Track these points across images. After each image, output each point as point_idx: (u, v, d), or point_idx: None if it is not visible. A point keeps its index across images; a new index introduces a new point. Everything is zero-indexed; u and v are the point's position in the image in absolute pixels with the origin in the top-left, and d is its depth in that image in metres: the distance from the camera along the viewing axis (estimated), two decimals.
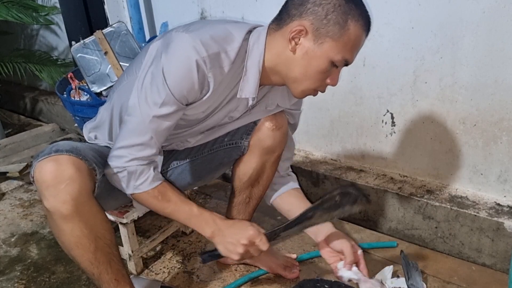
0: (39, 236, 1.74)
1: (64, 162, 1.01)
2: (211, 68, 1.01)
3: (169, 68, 1.00)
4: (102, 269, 1.10)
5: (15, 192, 2.09)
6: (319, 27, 0.99)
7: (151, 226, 1.74)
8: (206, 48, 1.00)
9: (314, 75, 1.03)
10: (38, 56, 2.66)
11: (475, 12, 1.37)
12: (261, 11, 1.84)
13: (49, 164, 1.00)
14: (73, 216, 1.02)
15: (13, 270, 1.55)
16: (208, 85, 1.04)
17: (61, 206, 1.00)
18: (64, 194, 0.99)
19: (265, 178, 1.36)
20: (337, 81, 1.07)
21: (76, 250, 1.06)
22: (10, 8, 2.30)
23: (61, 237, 1.06)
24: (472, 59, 1.42)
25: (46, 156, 1.02)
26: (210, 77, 1.03)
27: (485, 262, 1.49)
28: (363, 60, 1.65)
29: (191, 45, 0.99)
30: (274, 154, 1.32)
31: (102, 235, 1.08)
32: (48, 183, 0.99)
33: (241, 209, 1.41)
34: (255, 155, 1.31)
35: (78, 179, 1.01)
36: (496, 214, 1.46)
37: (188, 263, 1.53)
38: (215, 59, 1.01)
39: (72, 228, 1.03)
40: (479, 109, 1.47)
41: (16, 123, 2.99)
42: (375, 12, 1.54)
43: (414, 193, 1.61)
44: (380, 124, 1.71)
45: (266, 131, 1.27)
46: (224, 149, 1.34)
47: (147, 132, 1.06)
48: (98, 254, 1.08)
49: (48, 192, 1.00)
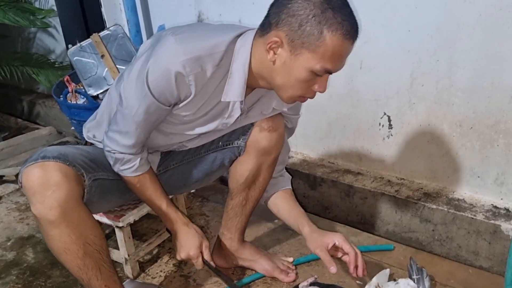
0: (35, 240, 1.74)
1: (51, 168, 1.02)
2: (191, 71, 1.01)
3: (151, 71, 1.03)
4: (91, 275, 1.10)
5: (12, 195, 2.08)
6: (294, 38, 0.96)
7: (147, 230, 1.73)
8: (188, 51, 1.00)
9: (296, 84, 1.02)
10: (35, 59, 2.65)
11: (471, 15, 1.37)
12: (258, 14, 1.82)
13: (36, 171, 1.01)
14: (60, 222, 1.02)
15: (9, 274, 1.55)
16: (189, 89, 1.04)
17: (48, 212, 1.00)
18: (51, 200, 1.00)
19: (262, 180, 1.36)
20: (325, 87, 1.04)
21: (64, 255, 1.06)
22: (7, 11, 2.29)
23: (50, 242, 1.06)
24: (468, 62, 1.42)
25: (33, 162, 1.02)
26: (191, 81, 1.03)
27: (482, 265, 1.49)
28: (360, 63, 1.65)
29: (173, 49, 1.01)
30: (270, 156, 1.32)
31: (91, 241, 1.08)
32: (35, 190, 1.00)
33: (237, 211, 1.41)
34: (251, 156, 1.31)
35: (64, 185, 1.02)
36: (493, 216, 1.46)
37: (185, 266, 1.52)
38: (197, 62, 1.01)
39: (60, 234, 1.03)
40: (476, 111, 1.47)
41: (13, 126, 2.99)
42: (372, 15, 1.55)
43: (411, 196, 1.60)
44: (377, 126, 1.71)
45: (262, 132, 1.28)
46: (221, 150, 1.34)
47: (133, 123, 1.10)
48: (87, 260, 1.08)
49: (35, 198, 1.00)
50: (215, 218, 1.81)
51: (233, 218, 1.42)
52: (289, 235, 1.66)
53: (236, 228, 1.43)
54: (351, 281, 1.41)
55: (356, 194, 1.73)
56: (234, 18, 1.91)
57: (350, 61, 1.63)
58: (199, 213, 1.85)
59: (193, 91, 1.05)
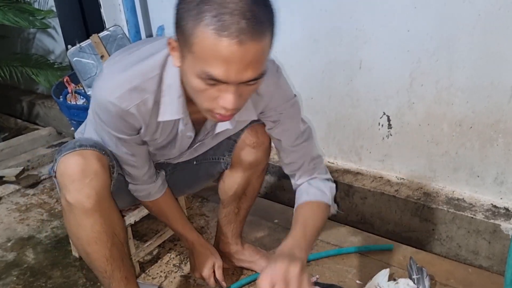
0: (35, 240, 1.74)
1: (90, 156, 1.02)
2: (130, 104, 0.96)
3: (99, 111, 1.00)
4: (115, 266, 1.11)
5: (12, 196, 2.08)
6: (179, 38, 0.83)
7: (148, 230, 1.74)
8: (122, 84, 0.95)
9: (195, 94, 0.88)
10: (34, 60, 2.65)
11: (470, 14, 1.37)
12: None
13: (75, 158, 1.01)
14: (95, 211, 1.03)
15: (10, 275, 1.55)
16: (137, 119, 1.00)
17: (85, 200, 1.01)
18: (89, 188, 1.01)
19: (251, 191, 1.38)
20: (229, 102, 0.83)
21: (94, 245, 1.07)
22: (6, 12, 2.29)
23: (80, 232, 1.06)
24: (468, 62, 1.43)
25: (71, 151, 1.02)
26: (134, 113, 0.98)
27: (481, 264, 1.49)
28: (360, 63, 1.65)
29: (107, 85, 0.97)
30: (258, 168, 1.33)
31: (117, 232, 1.10)
32: (74, 177, 1.00)
33: (231, 218, 1.42)
34: (238, 170, 1.32)
35: (102, 174, 1.03)
36: (492, 216, 1.46)
37: (185, 267, 1.53)
38: (133, 93, 0.95)
39: (93, 223, 1.04)
40: (475, 111, 1.47)
41: (12, 127, 2.98)
42: (371, 15, 1.55)
43: (411, 196, 1.61)
44: (377, 126, 1.71)
45: (247, 149, 1.27)
46: (209, 162, 1.34)
47: (124, 157, 1.11)
48: (113, 250, 1.09)
49: (73, 186, 1.00)
50: (214, 218, 1.80)
51: (227, 225, 1.43)
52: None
53: (232, 233, 1.44)
54: (351, 281, 1.41)
55: (355, 194, 1.73)
56: None
57: (349, 61, 1.66)
58: (199, 214, 1.85)
59: (142, 121, 1.01)
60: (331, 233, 1.66)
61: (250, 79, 0.81)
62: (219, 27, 0.75)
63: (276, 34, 0.86)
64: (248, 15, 0.75)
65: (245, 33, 0.75)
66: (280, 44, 1.81)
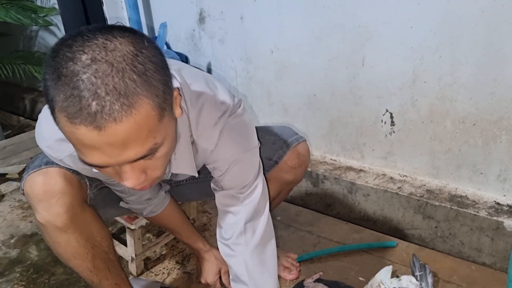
0: (38, 237, 1.74)
1: (54, 175, 0.98)
2: (59, 156, 0.95)
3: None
4: (102, 276, 1.10)
5: (15, 193, 2.09)
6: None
7: (151, 227, 1.74)
8: (51, 138, 0.92)
9: (96, 175, 0.85)
10: (37, 57, 2.65)
11: (474, 11, 1.36)
12: (259, 11, 1.83)
13: (39, 178, 0.98)
14: (68, 228, 1.00)
15: (13, 272, 1.55)
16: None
17: (55, 219, 0.98)
18: (57, 207, 0.98)
19: (278, 201, 1.40)
20: (129, 182, 0.72)
21: (73, 260, 1.06)
22: (9, 9, 2.30)
23: (57, 249, 1.05)
24: (471, 58, 1.42)
25: (36, 170, 0.99)
26: (70, 164, 0.97)
27: (485, 261, 1.49)
28: (362, 60, 1.65)
29: (40, 136, 0.94)
30: (293, 184, 1.35)
31: (98, 243, 1.08)
32: (40, 197, 0.97)
33: None
34: (272, 185, 1.24)
35: (69, 192, 0.99)
36: (495, 213, 1.46)
37: (188, 264, 1.53)
38: (63, 144, 0.88)
39: (68, 240, 1.02)
40: (479, 108, 1.47)
41: (15, 124, 2.99)
42: (374, 12, 1.55)
43: (414, 193, 1.61)
44: (380, 123, 1.70)
45: (287, 169, 1.26)
46: None
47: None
48: (96, 261, 1.08)
49: (40, 206, 0.98)
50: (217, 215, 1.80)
51: None
52: (291, 232, 1.66)
53: None
54: (354, 278, 1.41)
55: (358, 191, 1.73)
56: (236, 16, 1.91)
57: (352, 58, 1.66)
58: (201, 211, 1.85)
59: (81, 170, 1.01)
60: (334, 230, 1.66)
61: (137, 157, 0.68)
62: (70, 114, 0.62)
63: (169, 91, 0.70)
64: (102, 92, 0.60)
65: (100, 117, 0.61)
66: (282, 41, 1.82)
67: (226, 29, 1.95)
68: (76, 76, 0.60)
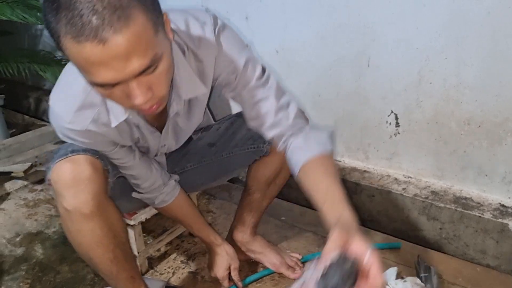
0: (44, 235, 1.75)
1: (82, 162, 1.01)
2: (83, 125, 0.98)
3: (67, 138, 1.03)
4: (120, 267, 1.12)
5: (20, 192, 2.10)
6: None
7: (155, 226, 1.74)
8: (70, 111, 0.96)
9: (108, 99, 0.87)
10: (42, 56, 2.65)
11: (479, 12, 1.36)
12: (265, 10, 1.83)
13: (67, 165, 1.00)
14: (94, 215, 1.02)
15: (18, 270, 1.56)
16: (102, 135, 1.02)
17: (82, 206, 1.00)
18: (85, 193, 1.00)
19: (282, 178, 1.38)
20: (136, 99, 0.78)
21: (96, 249, 1.07)
22: (14, 8, 2.30)
23: (80, 238, 1.06)
24: (476, 60, 1.42)
25: (63, 157, 1.02)
26: (94, 130, 0.99)
27: (489, 263, 1.49)
28: (368, 60, 1.65)
29: (57, 118, 0.98)
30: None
31: (118, 233, 1.10)
32: (68, 184, 1.00)
33: (253, 207, 1.43)
34: (277, 157, 1.29)
35: (96, 178, 1.02)
36: (500, 215, 1.46)
37: (193, 263, 1.53)
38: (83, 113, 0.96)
39: (93, 228, 1.04)
40: (484, 109, 1.46)
41: (20, 123, 3.00)
42: (379, 13, 1.55)
43: (419, 194, 1.60)
44: (384, 124, 1.70)
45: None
46: (245, 152, 1.34)
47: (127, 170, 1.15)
48: (116, 252, 1.10)
49: (68, 193, 1.00)
50: (222, 215, 1.81)
51: (248, 213, 1.44)
52: (296, 232, 1.66)
53: (250, 222, 1.45)
54: None
55: (363, 192, 1.73)
56: (241, 15, 1.91)
57: (357, 58, 1.66)
58: (206, 210, 1.85)
59: (107, 134, 1.02)
60: None
61: (141, 69, 0.74)
62: (75, 33, 0.69)
63: (159, 10, 0.85)
64: (99, 7, 0.68)
65: (102, 29, 0.68)
66: (287, 41, 1.82)
67: None
68: (72, 2, 0.68)
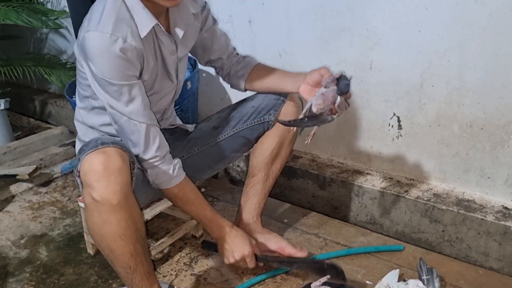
0: (48, 238, 1.76)
1: (112, 153, 1.05)
2: (123, 35, 1.08)
3: (103, 69, 1.09)
4: (139, 261, 1.14)
5: (25, 194, 2.11)
6: None
7: (158, 229, 1.75)
8: (108, 25, 1.07)
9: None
10: (47, 60, 2.68)
11: (482, 15, 1.37)
12: (268, 14, 1.85)
13: (99, 156, 1.04)
14: (121, 207, 1.05)
15: (23, 272, 1.57)
16: (134, 53, 1.11)
17: (112, 197, 1.03)
18: (115, 184, 1.03)
19: (283, 155, 1.45)
20: None
21: (119, 241, 1.09)
22: (20, 12, 2.33)
23: (105, 229, 1.08)
24: (479, 63, 1.42)
25: (93, 149, 1.06)
26: (131, 44, 1.09)
27: (492, 266, 1.49)
28: (370, 64, 1.65)
29: (97, 37, 1.07)
30: (291, 132, 1.41)
31: (139, 228, 1.13)
32: (99, 175, 1.03)
33: (258, 189, 1.46)
34: (277, 130, 1.41)
35: (125, 170, 1.06)
36: (503, 217, 1.46)
37: (195, 265, 1.54)
38: (119, 25, 1.08)
39: (120, 219, 1.07)
40: (486, 112, 1.47)
41: (25, 126, 3.02)
42: (382, 16, 1.56)
43: (421, 197, 1.61)
44: (387, 127, 1.71)
45: (291, 108, 1.39)
46: (251, 126, 1.42)
47: (140, 121, 1.16)
48: (137, 245, 1.12)
49: (99, 183, 1.03)
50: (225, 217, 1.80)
51: (252, 197, 1.48)
52: (298, 234, 1.67)
53: (255, 208, 1.49)
54: (361, 281, 1.41)
55: (365, 194, 1.73)
56: (245, 19, 1.92)
57: (359, 62, 1.66)
58: None
59: (138, 51, 1.12)
60: (341, 233, 1.66)
61: None
62: None
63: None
64: None
65: None
66: (290, 45, 1.83)
67: (235, 33, 1.96)
68: None
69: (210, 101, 2.20)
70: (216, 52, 1.42)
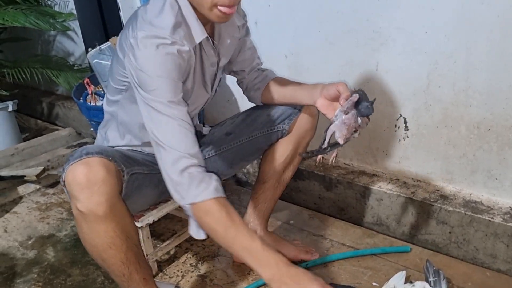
0: (55, 239, 1.77)
1: (95, 164, 1.03)
2: (180, 37, 1.06)
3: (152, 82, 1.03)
4: (133, 268, 1.13)
5: (32, 195, 2.13)
6: None
7: (165, 230, 1.76)
8: (167, 29, 1.04)
9: None
10: (55, 62, 2.70)
11: (489, 16, 1.36)
12: (274, 16, 1.85)
13: (81, 167, 1.02)
14: (107, 217, 1.04)
15: (30, 273, 1.58)
16: (184, 58, 1.08)
17: (96, 208, 1.02)
18: (98, 195, 1.02)
19: (296, 163, 1.45)
20: None
21: (109, 251, 1.09)
22: (28, 15, 2.34)
23: (94, 239, 1.08)
24: (486, 64, 1.42)
25: (77, 160, 1.04)
26: (185, 47, 1.07)
27: (500, 268, 1.48)
28: (376, 65, 1.65)
29: (156, 42, 1.02)
30: (306, 139, 1.42)
31: (131, 235, 1.12)
32: (82, 186, 1.01)
33: (268, 195, 1.46)
34: (293, 137, 1.40)
35: (110, 180, 1.04)
36: (511, 219, 1.45)
37: (202, 266, 1.54)
38: (177, 29, 1.06)
39: (106, 229, 1.06)
40: (494, 113, 1.46)
41: (33, 127, 3.04)
42: (388, 17, 1.55)
43: (428, 198, 1.60)
44: (393, 128, 1.70)
45: (307, 117, 1.39)
46: (264, 135, 1.41)
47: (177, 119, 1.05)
48: (128, 254, 1.11)
49: (82, 194, 1.02)
50: None
51: (261, 204, 1.47)
52: (305, 235, 1.66)
53: (263, 214, 1.49)
54: (367, 283, 1.41)
55: (371, 195, 1.73)
56: (251, 21, 1.92)
57: (366, 63, 1.66)
58: None
59: (189, 52, 1.09)
60: (347, 234, 1.66)
61: None
62: None
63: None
64: None
65: None
66: (296, 46, 1.83)
67: None
68: None
69: (217, 103, 2.20)
70: (239, 64, 1.39)
